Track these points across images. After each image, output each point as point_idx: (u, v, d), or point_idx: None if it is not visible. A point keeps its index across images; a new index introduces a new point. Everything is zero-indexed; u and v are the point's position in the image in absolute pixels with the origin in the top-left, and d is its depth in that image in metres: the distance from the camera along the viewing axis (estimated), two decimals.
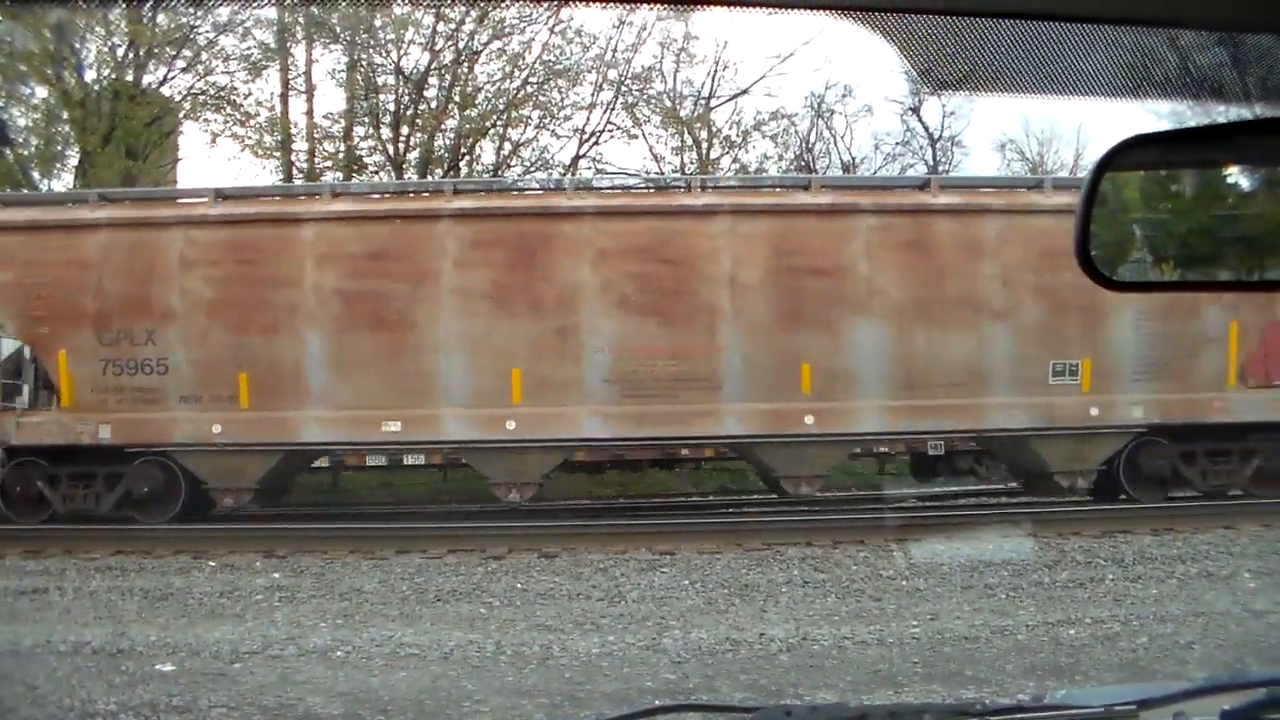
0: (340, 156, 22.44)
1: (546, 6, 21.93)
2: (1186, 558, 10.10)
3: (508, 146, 23.23)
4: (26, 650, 7.32)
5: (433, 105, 22.35)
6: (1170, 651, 6.96)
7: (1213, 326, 12.88)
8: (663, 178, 16.78)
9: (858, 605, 8.65)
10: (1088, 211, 1.70)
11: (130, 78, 20.79)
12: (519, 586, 9.55)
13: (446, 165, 22.02)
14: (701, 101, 25.07)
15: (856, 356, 12.60)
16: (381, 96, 22.46)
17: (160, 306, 12.50)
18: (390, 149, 22.36)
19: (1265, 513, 11.87)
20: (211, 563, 10.80)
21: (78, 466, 12.47)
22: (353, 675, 6.71)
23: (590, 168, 23.21)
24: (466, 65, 22.27)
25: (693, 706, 3.07)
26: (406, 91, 22.24)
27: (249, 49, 21.52)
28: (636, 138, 24.53)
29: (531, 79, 22.53)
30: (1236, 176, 2.00)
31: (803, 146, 26.88)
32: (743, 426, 12.64)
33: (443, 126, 22.43)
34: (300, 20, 21.50)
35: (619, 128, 24.01)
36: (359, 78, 22.21)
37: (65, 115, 20.28)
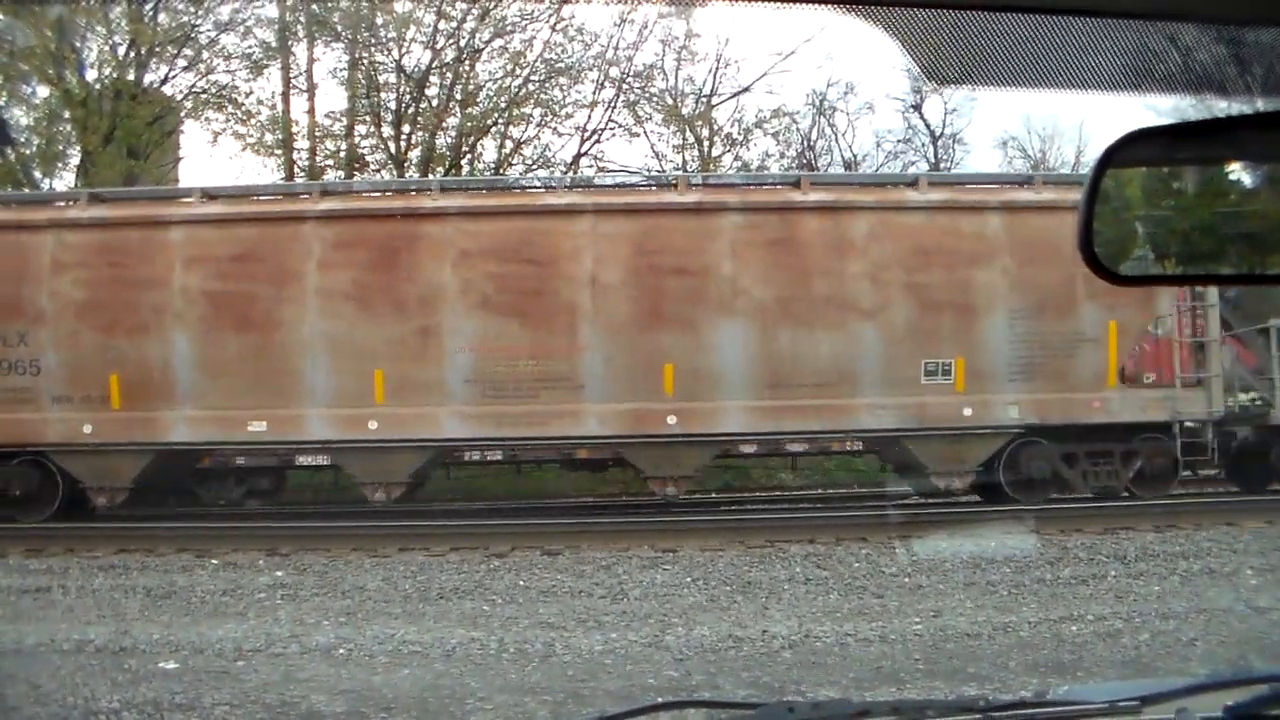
0: (342, 155, 22.45)
1: (548, 4, 21.88)
2: (1189, 554, 10.09)
3: (509, 145, 23.24)
4: (30, 649, 7.34)
5: (434, 103, 22.34)
6: (1173, 648, 6.96)
7: (1091, 325, 12.73)
8: (527, 178, 16.69)
9: (860, 602, 8.65)
10: (1091, 206, 1.69)
11: (131, 77, 20.79)
12: (522, 584, 9.55)
13: (448, 163, 22.01)
14: (703, 99, 25.08)
15: (720, 356, 12.54)
16: (383, 95, 22.48)
17: (32, 308, 12.65)
18: (392, 147, 22.37)
19: (1267, 509, 11.88)
20: (214, 561, 10.82)
21: None
22: (356, 673, 6.71)
23: (592, 166, 23.23)
24: (468, 63, 22.27)
25: (695, 703, 3.06)
26: (408, 90, 22.24)
27: (250, 48, 21.56)
28: (638, 136, 24.55)
29: (533, 77, 22.53)
30: (1239, 171, 1.99)
31: (804, 144, 26.91)
32: (604, 427, 12.64)
33: (444, 125, 22.43)
34: (302, 19, 21.55)
35: (621, 126, 24.03)
36: (360, 76, 22.20)
37: (67, 114, 20.29)
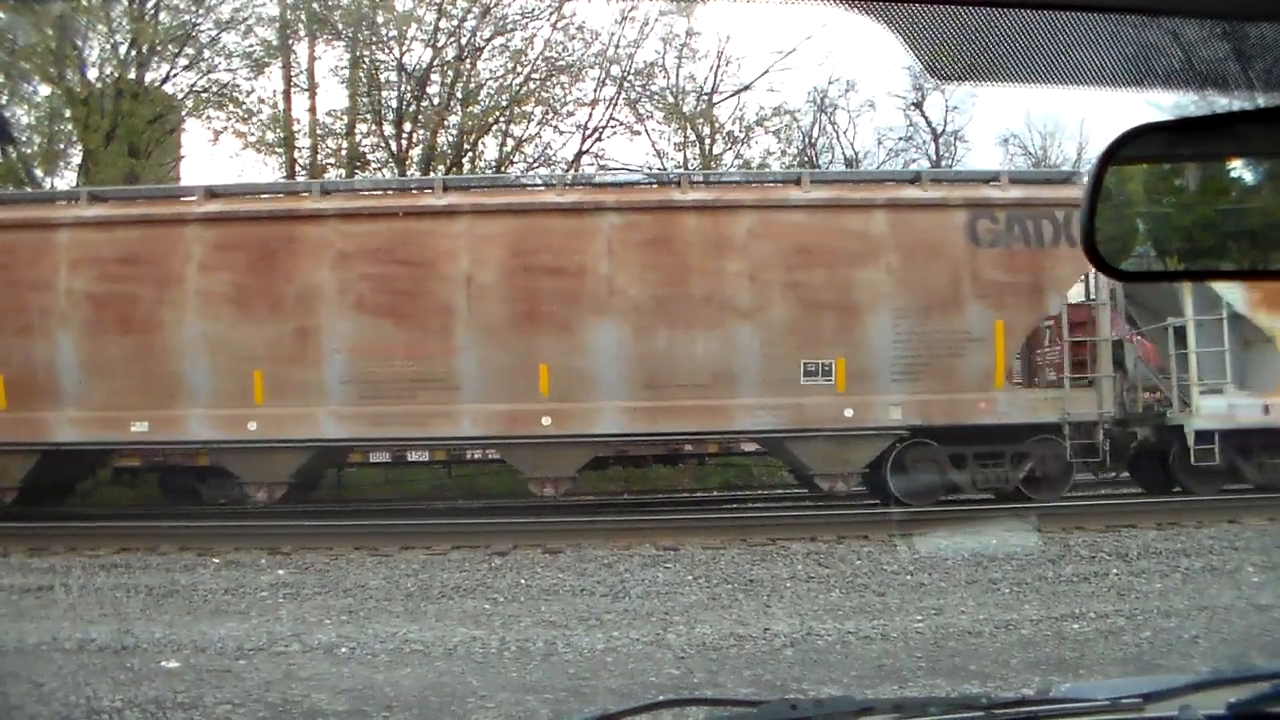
0: (343, 153, 22.44)
1: (549, 2, 21.90)
2: (1191, 552, 10.09)
3: (510, 143, 23.22)
4: (32, 647, 7.34)
5: (435, 102, 22.33)
6: (1175, 646, 6.96)
7: (978, 325, 12.60)
8: (406, 180, 16.64)
9: (862, 600, 8.66)
10: (1093, 202, 1.69)
11: (133, 75, 20.78)
12: (523, 582, 9.56)
13: (449, 162, 22.00)
14: (704, 97, 25.06)
15: (596, 357, 12.51)
16: (384, 93, 22.46)
17: None
18: (393, 146, 22.37)
19: (1270, 507, 11.86)
20: (216, 560, 10.83)
21: None
22: (357, 671, 6.71)
23: (593, 164, 23.20)
24: (469, 62, 22.26)
25: (697, 701, 3.06)
26: (409, 88, 22.22)
27: (251, 46, 21.55)
28: (639, 134, 24.57)
29: (534, 75, 22.51)
30: (1241, 167, 1.99)
31: (805, 141, 26.90)
32: (479, 428, 12.66)
33: (445, 123, 22.41)
34: (303, 17, 21.54)
35: (622, 124, 24.01)
36: (361, 74, 22.18)
37: (68, 113, 20.29)
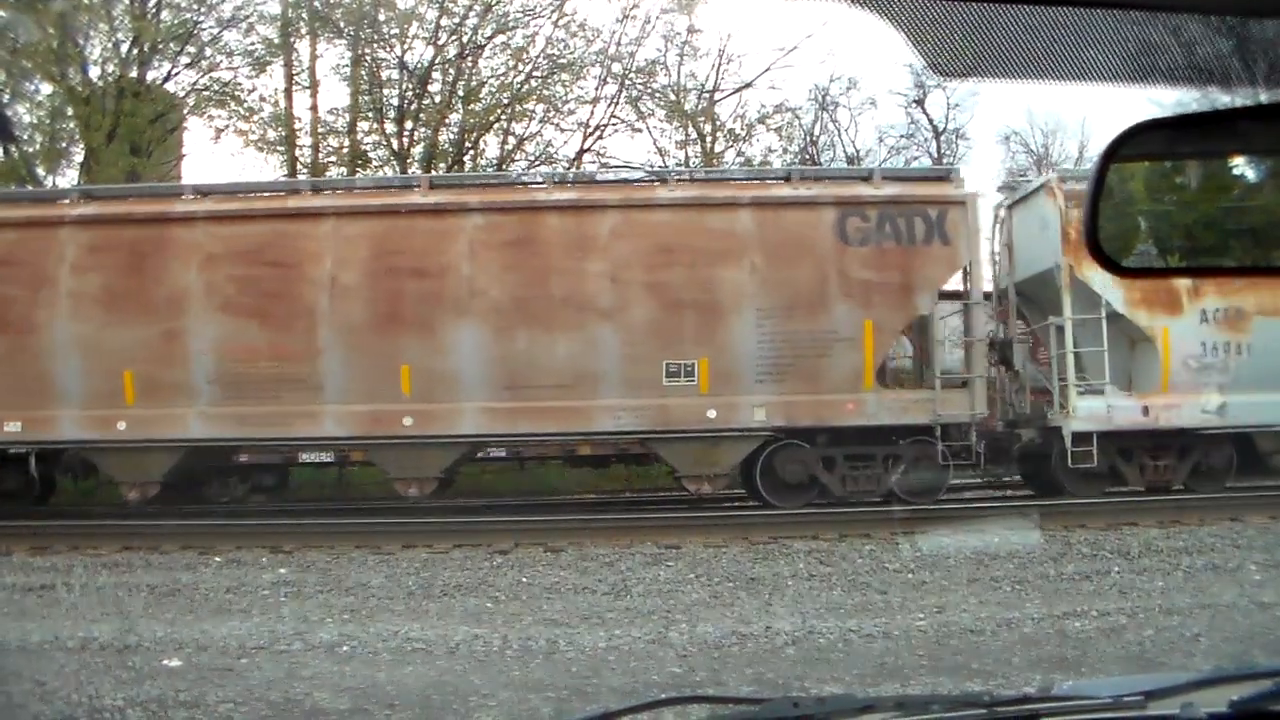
0: (344, 151, 22.44)
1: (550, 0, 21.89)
2: (1193, 550, 10.09)
3: (512, 141, 23.22)
4: (35, 646, 7.34)
5: (436, 100, 22.33)
6: (1177, 644, 6.95)
7: (845, 325, 12.47)
8: (275, 182, 16.65)
9: (863, 598, 8.65)
10: (1095, 199, 1.69)
11: (134, 74, 20.79)
12: (525, 581, 9.56)
13: (451, 160, 22.00)
14: (706, 95, 25.03)
15: (458, 358, 12.51)
16: (386, 91, 22.47)
17: None
18: (394, 144, 22.37)
19: (1272, 505, 11.85)
20: (218, 558, 10.83)
21: None
22: (359, 670, 6.71)
23: (595, 162, 23.19)
24: (470, 60, 22.27)
25: (699, 699, 3.07)
26: (410, 86, 22.23)
27: (253, 44, 21.56)
28: (641, 131, 24.53)
29: (535, 73, 22.52)
30: (1243, 165, 1.99)
31: (807, 139, 26.87)
32: (342, 428, 12.69)
33: (447, 121, 22.41)
34: (304, 15, 21.54)
35: (623, 121, 24.00)
36: (363, 72, 22.19)
37: (70, 112, 20.30)
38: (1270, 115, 1.64)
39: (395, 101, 22.41)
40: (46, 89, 20.57)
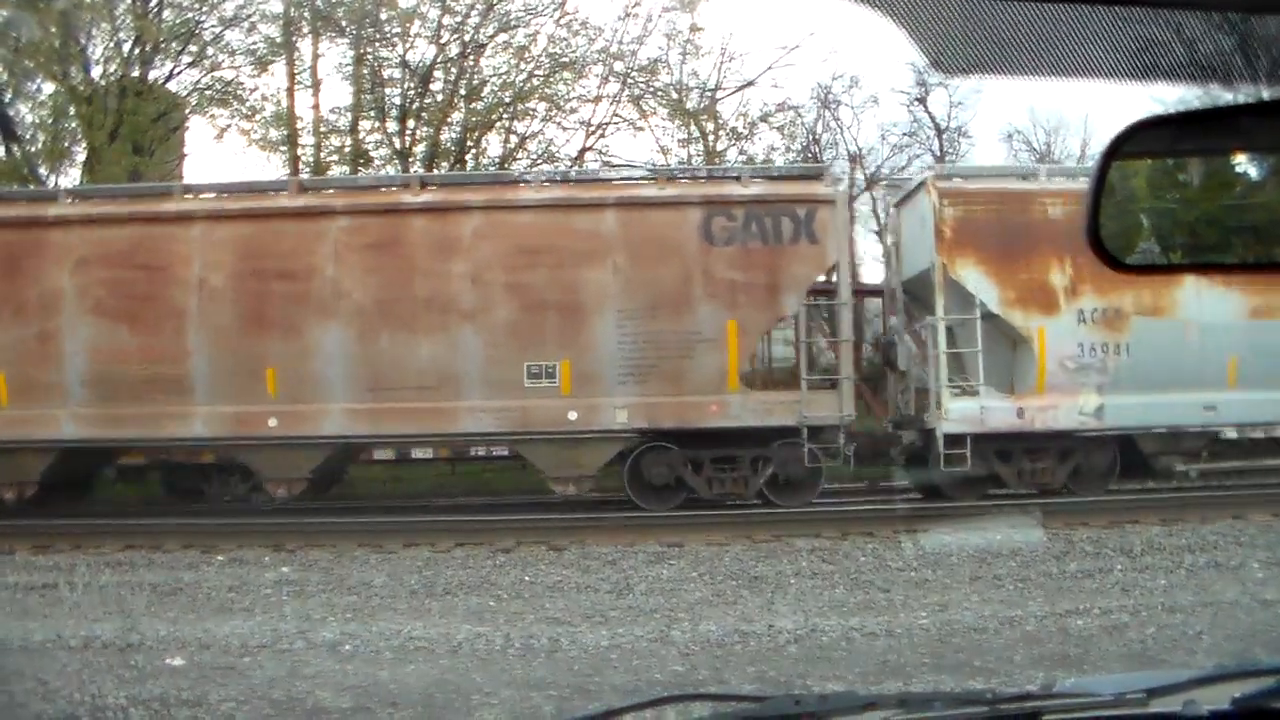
0: (346, 150, 22.44)
1: None
2: (1195, 547, 10.08)
3: (514, 139, 23.21)
4: (37, 645, 7.36)
5: (439, 99, 22.32)
6: (1179, 641, 6.96)
7: (709, 326, 12.40)
8: (149, 186, 16.70)
9: (866, 596, 8.66)
10: (1097, 197, 1.68)
11: (136, 73, 20.79)
12: (527, 579, 9.56)
13: (453, 158, 22.00)
14: (708, 93, 25.00)
15: (322, 359, 12.57)
16: (387, 90, 22.46)
17: None
18: (396, 143, 22.37)
19: (1274, 502, 11.83)
20: (220, 557, 10.84)
21: None
22: (362, 668, 6.72)
23: (596, 160, 23.17)
24: (472, 58, 22.25)
25: (701, 697, 3.06)
26: (412, 85, 22.21)
27: (255, 43, 21.54)
28: (643, 130, 24.49)
29: (537, 72, 22.50)
30: (1245, 160, 1.98)
31: (809, 138, 26.83)
32: (210, 429, 12.75)
33: (449, 120, 22.40)
34: (306, 14, 21.54)
35: (625, 120, 23.97)
36: (365, 71, 22.18)
37: (72, 111, 20.30)
38: (1272, 112, 1.63)
39: (397, 100, 22.41)
40: (49, 88, 20.61)
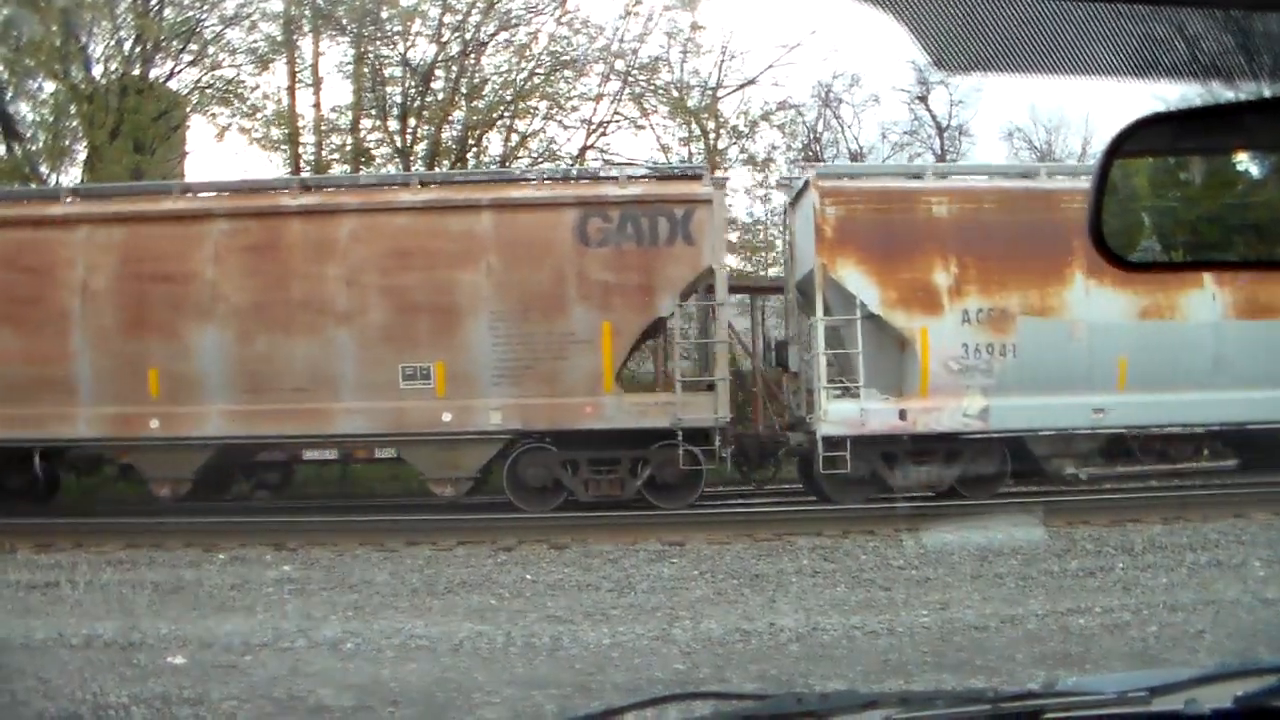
0: (348, 149, 22.44)
1: None
2: (1196, 546, 10.08)
3: (515, 138, 23.20)
4: (39, 643, 7.36)
5: (439, 97, 22.31)
6: (1181, 640, 6.95)
7: (583, 327, 12.44)
8: (34, 189, 16.74)
9: (867, 595, 8.66)
10: (1099, 194, 1.68)
11: (137, 72, 20.79)
12: (529, 578, 9.56)
13: (454, 157, 22.00)
14: (709, 92, 24.98)
15: (201, 361, 12.69)
16: (388, 89, 22.45)
17: None
18: (397, 141, 22.36)
19: (1276, 501, 11.81)
20: (222, 555, 10.85)
21: None
22: (363, 667, 6.72)
23: (597, 159, 23.16)
24: (473, 57, 22.23)
25: (703, 695, 3.06)
26: (413, 84, 22.20)
27: (256, 42, 21.53)
28: (644, 128, 24.47)
29: (538, 70, 22.48)
30: (1247, 158, 1.98)
31: (810, 136, 26.83)
32: (94, 429, 12.84)
33: (450, 118, 22.39)
34: (307, 13, 21.53)
35: (626, 118, 23.96)
36: (366, 70, 22.18)
37: (73, 109, 20.30)
38: (1274, 109, 1.63)
39: (398, 99, 22.41)
40: (50, 86, 20.60)
